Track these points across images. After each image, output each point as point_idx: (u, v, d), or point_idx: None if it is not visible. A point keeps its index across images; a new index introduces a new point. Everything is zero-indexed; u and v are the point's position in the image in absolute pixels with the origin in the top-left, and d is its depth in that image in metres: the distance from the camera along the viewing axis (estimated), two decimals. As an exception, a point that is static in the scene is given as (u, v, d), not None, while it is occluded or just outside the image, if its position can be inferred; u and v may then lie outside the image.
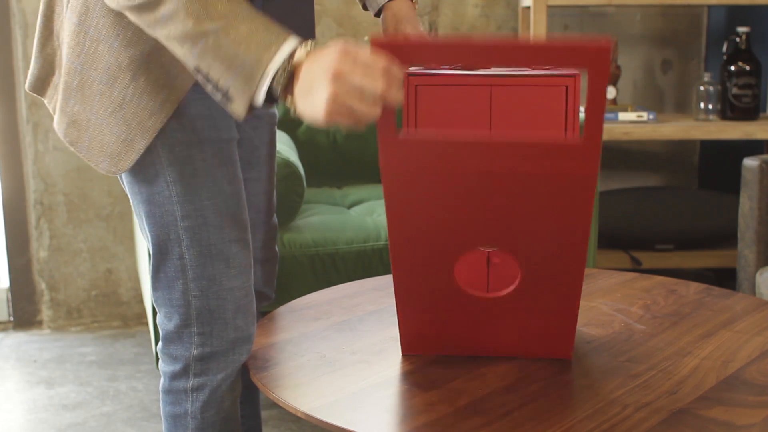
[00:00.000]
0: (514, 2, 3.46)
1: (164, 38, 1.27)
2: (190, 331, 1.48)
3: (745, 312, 1.62)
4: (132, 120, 1.39)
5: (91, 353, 3.07)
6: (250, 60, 1.23)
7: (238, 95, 1.25)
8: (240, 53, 1.23)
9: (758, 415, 1.21)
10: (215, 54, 1.24)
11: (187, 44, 1.25)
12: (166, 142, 1.42)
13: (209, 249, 1.45)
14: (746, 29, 3.11)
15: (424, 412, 1.22)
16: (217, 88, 1.27)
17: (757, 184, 2.31)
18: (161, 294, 1.49)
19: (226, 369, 1.49)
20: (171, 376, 1.51)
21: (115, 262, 3.35)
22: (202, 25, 1.23)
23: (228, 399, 1.50)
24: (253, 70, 1.23)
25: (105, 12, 1.37)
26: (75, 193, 3.28)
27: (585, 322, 1.57)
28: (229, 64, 1.23)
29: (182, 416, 1.51)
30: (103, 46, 1.38)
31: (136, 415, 2.56)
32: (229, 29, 1.23)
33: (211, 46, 1.23)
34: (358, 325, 1.56)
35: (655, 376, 1.34)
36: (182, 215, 1.44)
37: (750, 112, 3.13)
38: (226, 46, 1.23)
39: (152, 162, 1.43)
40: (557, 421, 1.19)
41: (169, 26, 1.25)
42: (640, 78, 3.60)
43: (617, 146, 3.60)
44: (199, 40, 1.24)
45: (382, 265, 2.36)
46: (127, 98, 1.39)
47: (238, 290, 1.48)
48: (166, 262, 1.47)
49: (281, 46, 1.22)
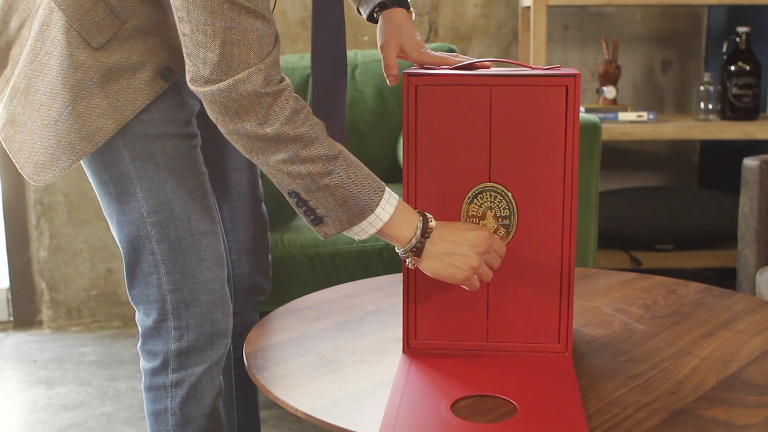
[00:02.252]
0: (514, 2, 3.45)
1: (280, 161, 1.29)
2: (167, 326, 1.49)
3: (745, 312, 1.62)
4: (63, 139, 1.41)
5: (91, 353, 3.07)
6: (362, 202, 1.31)
7: (333, 224, 1.33)
8: (356, 194, 1.30)
9: (758, 415, 1.21)
10: (334, 189, 1.30)
11: (311, 174, 1.29)
12: (127, 140, 1.44)
13: (179, 243, 1.46)
14: (746, 29, 3.11)
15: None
16: (311, 211, 1.32)
17: (757, 184, 2.31)
18: (138, 291, 1.50)
19: (205, 363, 1.49)
20: (151, 373, 1.52)
21: (115, 262, 3.35)
22: (337, 158, 1.30)
23: (208, 394, 1.51)
24: (363, 210, 1.31)
25: (65, 30, 1.38)
26: (75, 193, 3.28)
27: (585, 322, 1.57)
28: (343, 201, 1.31)
29: (163, 413, 1.52)
30: (54, 61, 1.39)
31: (137, 415, 2.56)
32: (353, 167, 1.32)
33: (334, 181, 1.30)
34: (358, 326, 1.56)
35: (656, 376, 1.34)
36: (149, 211, 1.45)
37: (750, 112, 3.13)
38: (347, 186, 1.30)
39: (116, 161, 1.44)
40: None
41: (309, 149, 1.29)
42: (640, 78, 3.60)
43: (617, 146, 3.60)
44: (327, 174, 1.29)
45: (382, 265, 2.36)
46: (63, 117, 1.40)
47: (212, 282, 1.49)
48: (139, 259, 1.48)
49: (384, 190, 1.33)
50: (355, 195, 1.30)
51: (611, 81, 3.31)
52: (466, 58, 1.50)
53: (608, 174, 3.62)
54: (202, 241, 1.48)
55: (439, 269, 1.35)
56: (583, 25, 3.54)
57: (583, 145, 2.42)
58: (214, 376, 1.51)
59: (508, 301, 1.41)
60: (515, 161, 1.38)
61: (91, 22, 1.37)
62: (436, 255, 1.34)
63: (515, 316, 1.42)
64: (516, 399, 1.25)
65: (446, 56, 1.52)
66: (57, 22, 1.38)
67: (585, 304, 1.67)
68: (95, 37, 1.38)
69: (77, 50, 1.37)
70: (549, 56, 3.52)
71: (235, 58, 1.24)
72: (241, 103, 1.26)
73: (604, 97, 3.27)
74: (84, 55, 1.38)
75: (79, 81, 1.38)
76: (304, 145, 1.27)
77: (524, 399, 1.25)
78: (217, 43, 1.24)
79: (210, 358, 1.50)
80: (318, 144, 1.28)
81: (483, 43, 3.48)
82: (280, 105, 1.27)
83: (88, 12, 1.37)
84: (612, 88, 3.27)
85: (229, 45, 1.24)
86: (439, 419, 1.20)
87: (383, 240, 2.42)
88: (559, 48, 3.54)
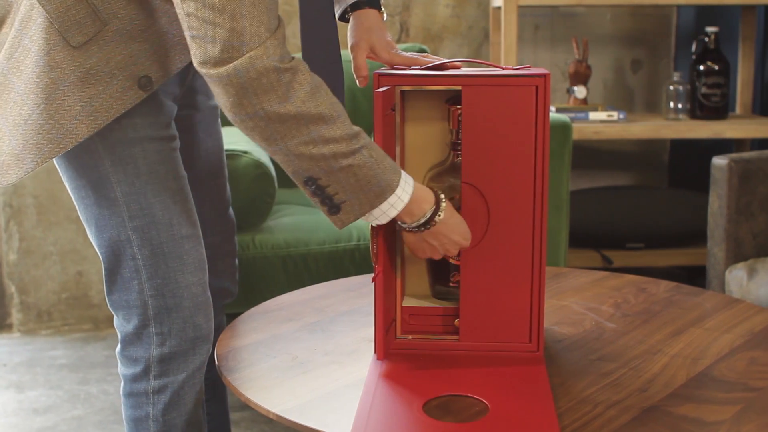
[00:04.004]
0: (485, 2, 3.46)
1: (302, 143, 1.25)
2: (148, 332, 1.47)
3: (715, 309, 1.64)
4: (30, 139, 1.38)
5: (61, 356, 3.05)
6: (384, 182, 1.28)
7: (352, 209, 1.30)
8: (378, 173, 1.28)
9: (728, 411, 1.22)
10: (357, 169, 1.27)
11: (335, 155, 1.26)
12: (107, 143, 1.41)
13: (161, 247, 1.44)
14: (715, 29, 3.14)
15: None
16: (329, 198, 1.29)
17: (725, 182, 2.33)
18: (118, 297, 1.48)
19: (187, 369, 1.48)
20: (131, 379, 1.50)
21: (85, 265, 3.33)
22: (358, 136, 1.28)
23: (191, 400, 1.49)
24: (384, 191, 1.29)
25: (44, 27, 1.35)
26: (44, 195, 3.26)
27: (556, 321, 1.58)
28: (366, 182, 1.28)
29: (144, 419, 1.50)
30: (31, 59, 1.37)
31: (108, 419, 2.54)
32: (372, 146, 1.29)
33: (358, 161, 1.26)
34: (330, 326, 1.56)
35: (626, 374, 1.34)
36: (130, 215, 1.43)
37: (719, 111, 3.15)
38: (369, 165, 1.27)
39: (95, 165, 1.42)
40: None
41: (332, 128, 1.26)
42: (610, 78, 3.62)
43: (588, 145, 3.62)
44: (352, 153, 1.26)
45: (354, 266, 2.36)
46: (33, 117, 1.37)
47: (195, 287, 1.47)
48: (119, 264, 1.46)
49: (401, 170, 1.31)
50: (378, 174, 1.27)
51: (582, 81, 3.33)
52: (437, 59, 1.50)
53: (579, 173, 3.63)
54: (184, 245, 1.46)
55: (422, 248, 1.37)
56: (553, 25, 3.55)
57: (554, 144, 2.43)
58: (197, 382, 1.50)
59: (480, 301, 1.42)
60: (486, 161, 1.38)
61: (71, 20, 1.34)
62: (424, 240, 1.36)
63: (487, 315, 1.42)
64: (487, 398, 1.25)
65: (417, 57, 1.52)
66: (37, 19, 1.36)
67: (556, 303, 1.68)
68: (75, 35, 1.35)
69: (55, 48, 1.35)
70: (520, 56, 3.53)
71: (246, 32, 1.20)
72: (260, 81, 1.21)
73: (574, 96, 3.29)
74: (61, 54, 1.35)
75: (54, 80, 1.35)
76: (326, 123, 1.24)
77: (496, 398, 1.25)
78: (225, 17, 1.19)
79: (192, 363, 1.48)
80: (341, 122, 1.26)
81: (454, 44, 3.49)
82: (299, 81, 1.23)
83: (69, 9, 1.34)
84: (582, 88, 3.28)
85: (239, 18, 1.19)
86: (411, 419, 1.20)
87: (355, 240, 2.43)
88: (530, 48, 3.55)
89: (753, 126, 3.06)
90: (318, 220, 2.46)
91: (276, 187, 2.40)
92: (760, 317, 1.59)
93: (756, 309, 1.64)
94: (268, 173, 2.34)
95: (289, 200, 2.74)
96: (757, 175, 2.36)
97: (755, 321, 1.57)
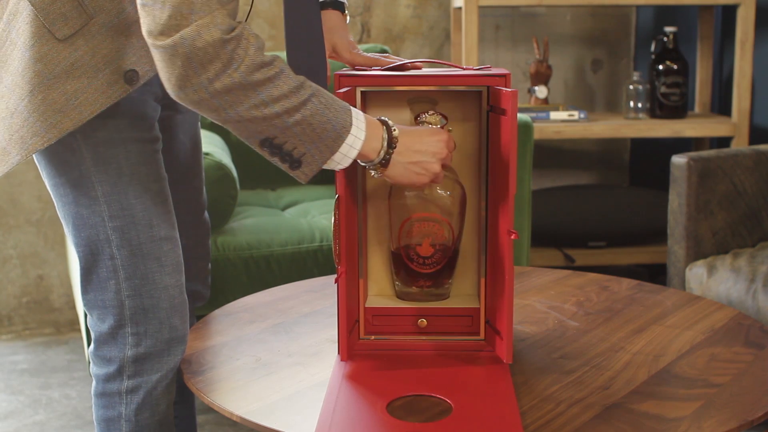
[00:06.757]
0: (446, 3, 3.47)
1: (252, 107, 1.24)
2: (124, 332, 1.46)
3: (676, 307, 1.65)
4: (15, 132, 1.37)
5: (22, 361, 3.02)
6: (338, 124, 1.27)
7: (313, 160, 1.29)
8: (331, 117, 1.27)
9: (689, 407, 1.23)
10: (311, 118, 1.26)
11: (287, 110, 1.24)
12: (90, 142, 1.41)
13: (140, 248, 1.44)
14: (673, 29, 3.17)
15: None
16: (288, 155, 1.28)
17: (685, 181, 2.35)
18: (93, 296, 1.48)
19: (161, 370, 1.47)
20: (104, 379, 1.49)
21: (46, 268, 3.30)
22: (304, 86, 1.26)
23: (163, 401, 1.49)
24: (340, 134, 1.28)
25: (30, 20, 1.35)
26: (4, 198, 3.22)
27: (519, 320, 1.58)
28: (321, 129, 1.27)
29: (116, 419, 1.49)
30: (16, 52, 1.36)
31: (70, 423, 2.52)
32: (319, 91, 1.27)
33: (309, 110, 1.25)
34: (294, 328, 1.56)
35: (589, 372, 1.35)
36: (110, 215, 1.43)
37: (678, 111, 3.18)
38: (321, 112, 1.26)
39: (77, 163, 1.42)
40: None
41: (278, 86, 1.24)
42: (570, 77, 3.64)
43: (549, 145, 3.64)
44: (303, 104, 1.25)
45: (317, 267, 2.35)
46: (19, 110, 1.36)
47: (172, 288, 1.47)
48: (97, 263, 1.46)
49: (350, 107, 1.30)
50: (331, 119, 1.27)
51: (542, 81, 3.34)
52: (398, 59, 1.50)
53: (541, 173, 3.65)
54: (163, 246, 1.46)
55: (404, 177, 1.36)
56: (514, 25, 3.57)
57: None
58: (170, 383, 1.50)
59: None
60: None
61: (57, 12, 1.34)
62: (402, 164, 1.34)
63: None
64: (451, 398, 1.25)
65: (378, 57, 1.52)
66: (23, 12, 1.35)
67: (519, 301, 1.69)
68: (60, 28, 1.34)
69: (40, 41, 1.34)
70: (481, 56, 3.54)
71: (197, 1, 1.19)
72: (206, 51, 1.19)
73: (535, 96, 3.30)
74: (47, 47, 1.34)
75: (39, 73, 1.35)
76: (272, 82, 1.23)
77: (459, 397, 1.25)
78: None
79: (167, 364, 1.48)
80: (284, 76, 1.25)
81: (415, 44, 3.49)
82: (243, 47, 1.22)
83: (54, 2, 1.34)
84: (543, 88, 3.30)
85: None
86: (374, 420, 1.20)
87: (318, 241, 2.42)
88: (491, 48, 3.56)
89: (712, 125, 3.09)
90: (280, 222, 2.45)
91: (238, 189, 2.40)
92: (720, 314, 1.61)
93: (716, 306, 1.65)
94: (229, 174, 2.33)
95: (252, 202, 2.73)
96: (716, 174, 2.38)
97: (715, 318, 1.59)
